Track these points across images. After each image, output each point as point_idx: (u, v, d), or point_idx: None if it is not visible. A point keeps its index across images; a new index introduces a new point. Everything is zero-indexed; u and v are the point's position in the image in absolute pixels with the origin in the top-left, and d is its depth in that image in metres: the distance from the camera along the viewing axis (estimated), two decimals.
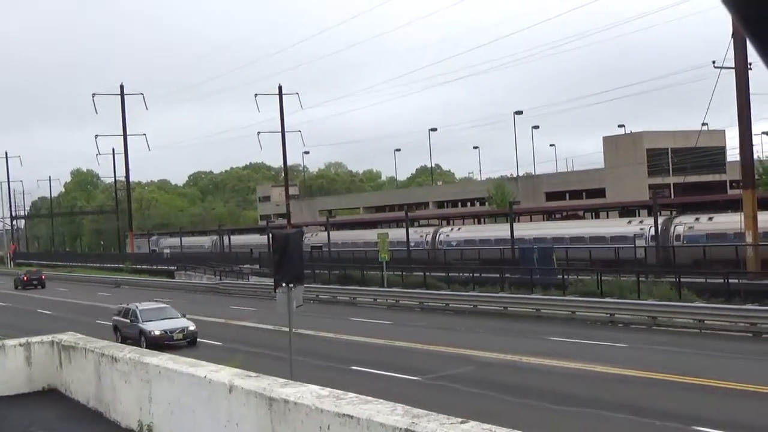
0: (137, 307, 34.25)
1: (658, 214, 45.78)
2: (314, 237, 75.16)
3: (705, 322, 31.25)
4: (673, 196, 67.50)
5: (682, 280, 36.21)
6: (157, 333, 32.41)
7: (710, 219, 45.10)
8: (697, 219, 45.09)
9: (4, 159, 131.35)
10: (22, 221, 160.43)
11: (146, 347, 25.54)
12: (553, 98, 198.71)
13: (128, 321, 34.12)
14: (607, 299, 36.08)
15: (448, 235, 62.55)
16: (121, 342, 28.80)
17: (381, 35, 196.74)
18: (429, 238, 62.45)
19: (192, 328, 33.32)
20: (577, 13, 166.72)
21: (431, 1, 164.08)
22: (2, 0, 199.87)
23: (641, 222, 49.30)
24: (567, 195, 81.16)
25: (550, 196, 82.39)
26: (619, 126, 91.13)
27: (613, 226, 50.98)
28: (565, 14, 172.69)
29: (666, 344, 28.16)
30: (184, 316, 34.76)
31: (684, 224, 45.44)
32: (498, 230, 59.50)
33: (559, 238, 51.81)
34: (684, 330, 31.24)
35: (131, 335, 32.83)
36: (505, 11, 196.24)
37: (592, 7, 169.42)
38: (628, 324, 33.50)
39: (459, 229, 64.51)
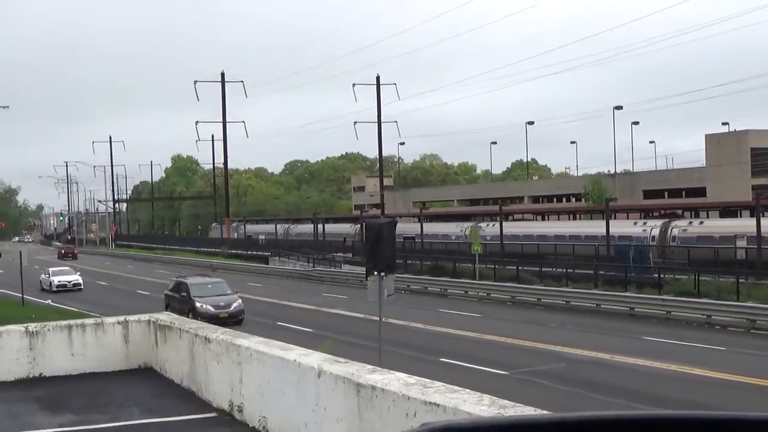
0: None
1: (761, 215, 44.57)
2: (407, 228, 75.40)
3: None
4: None
5: None
6: None
7: (701, 223, 51.41)
8: (690, 223, 51.51)
9: (109, 143, 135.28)
10: (124, 204, 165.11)
11: None
12: (654, 94, 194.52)
13: None
14: (705, 300, 35.26)
15: (483, 230, 62.97)
16: None
17: (478, 28, 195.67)
18: (467, 232, 62.61)
19: None
20: (679, 9, 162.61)
21: None
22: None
23: (644, 224, 55.06)
24: (666, 193, 79.23)
25: (648, 194, 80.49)
26: (723, 124, 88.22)
27: (621, 227, 55.78)
28: (667, 9, 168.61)
29: (767, 349, 27.31)
30: None
31: (678, 227, 50.96)
32: (530, 227, 66.06)
33: (561, 235, 55.59)
34: None
35: None
36: (607, 6, 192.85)
37: (696, 2, 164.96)
38: (725, 326, 32.62)
39: (494, 225, 65.09)
